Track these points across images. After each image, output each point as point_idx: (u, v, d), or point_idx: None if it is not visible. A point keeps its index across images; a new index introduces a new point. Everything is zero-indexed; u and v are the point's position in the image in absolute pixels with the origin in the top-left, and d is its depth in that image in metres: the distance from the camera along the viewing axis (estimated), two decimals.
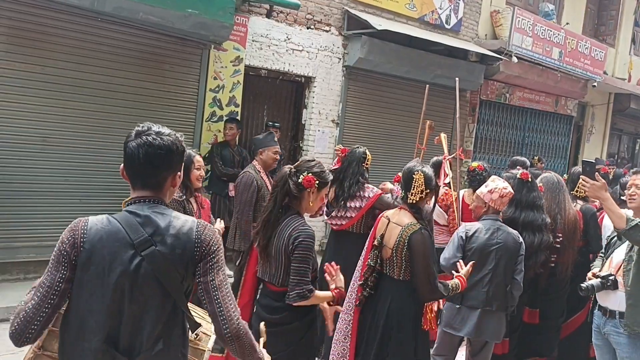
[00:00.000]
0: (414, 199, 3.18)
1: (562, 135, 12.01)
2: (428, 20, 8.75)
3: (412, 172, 3.21)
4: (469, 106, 9.86)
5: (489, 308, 3.64)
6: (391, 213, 3.34)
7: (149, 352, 1.76)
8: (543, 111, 11.32)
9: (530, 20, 9.43)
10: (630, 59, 13.24)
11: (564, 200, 4.31)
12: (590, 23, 12.50)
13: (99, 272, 1.74)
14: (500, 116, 10.49)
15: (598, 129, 13.38)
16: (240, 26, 6.67)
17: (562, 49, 10.16)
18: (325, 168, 2.96)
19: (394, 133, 8.62)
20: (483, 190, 3.79)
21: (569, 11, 11.54)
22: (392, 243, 3.18)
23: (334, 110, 7.90)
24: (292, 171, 2.84)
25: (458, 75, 8.74)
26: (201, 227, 1.86)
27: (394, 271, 3.22)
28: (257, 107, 7.51)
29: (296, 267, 2.70)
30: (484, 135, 10.23)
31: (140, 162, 1.81)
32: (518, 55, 9.30)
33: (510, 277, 3.70)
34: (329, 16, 7.62)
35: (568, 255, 4.26)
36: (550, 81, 10.64)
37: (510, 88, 10.36)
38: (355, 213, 4.23)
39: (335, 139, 7.96)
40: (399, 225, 3.19)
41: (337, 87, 7.88)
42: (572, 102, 11.93)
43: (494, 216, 3.75)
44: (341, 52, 7.83)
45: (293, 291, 2.69)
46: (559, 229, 4.22)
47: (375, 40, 7.72)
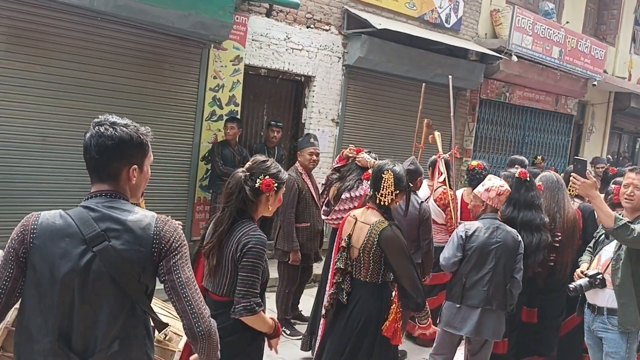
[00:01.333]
0: (384, 200, 3.06)
1: (562, 134, 12.02)
2: (428, 20, 8.75)
3: (381, 171, 3.10)
4: (469, 105, 9.87)
5: (489, 307, 3.66)
6: (359, 212, 3.23)
7: (104, 353, 1.69)
8: (543, 110, 11.32)
9: (530, 19, 9.43)
10: (631, 58, 13.25)
11: (563, 199, 4.32)
12: (590, 22, 12.50)
13: (48, 269, 1.67)
14: (500, 115, 10.50)
15: (598, 128, 13.38)
16: (240, 25, 6.67)
17: (562, 47, 10.16)
18: (280, 166, 2.70)
19: (394, 132, 8.63)
20: (480, 189, 3.80)
21: (569, 10, 11.54)
22: (360, 243, 3.08)
23: (334, 109, 7.91)
24: (246, 176, 2.56)
25: (458, 75, 8.80)
26: (161, 223, 1.77)
27: (360, 272, 3.11)
28: (257, 107, 7.52)
29: (244, 276, 2.41)
30: (484, 134, 10.24)
31: (92, 153, 1.76)
32: (518, 54, 9.30)
33: (510, 275, 3.71)
34: (328, 15, 7.63)
35: (567, 254, 4.28)
36: (551, 80, 10.64)
37: (510, 87, 10.37)
38: (354, 206, 4.25)
39: (335, 138, 7.97)
40: (366, 224, 3.08)
41: (337, 86, 7.89)
42: (572, 101, 11.94)
43: (492, 215, 3.76)
44: (341, 51, 7.83)
45: (239, 304, 2.39)
46: (558, 228, 4.24)
47: (375, 40, 7.72)
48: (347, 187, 4.32)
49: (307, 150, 5.13)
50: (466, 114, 9.85)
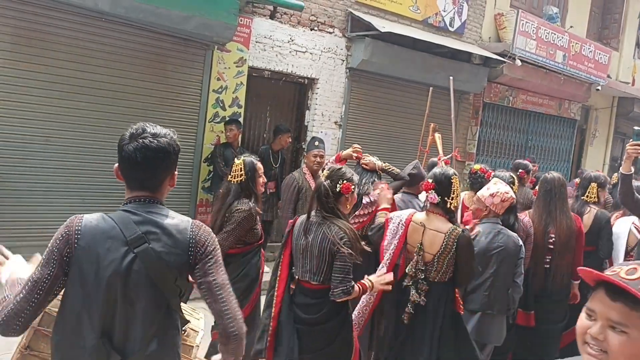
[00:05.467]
0: (454, 204, 3.25)
1: (565, 138, 12.01)
2: (432, 23, 8.76)
3: (449, 178, 3.24)
4: (472, 109, 9.87)
5: (490, 311, 3.65)
6: (423, 218, 3.31)
7: (143, 352, 1.76)
8: (546, 114, 11.32)
9: (534, 23, 9.43)
10: (634, 63, 13.24)
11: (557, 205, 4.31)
12: (594, 26, 12.49)
13: (93, 269, 1.73)
14: (503, 119, 10.50)
15: (601, 132, 13.37)
16: (243, 27, 6.69)
17: (566, 52, 10.16)
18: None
19: (397, 135, 8.63)
20: (485, 194, 3.78)
21: (573, 14, 11.54)
22: (435, 249, 3.20)
23: (337, 112, 7.92)
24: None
25: (461, 78, 8.81)
26: (196, 227, 1.86)
27: (430, 275, 3.25)
28: (260, 108, 7.53)
29: (340, 265, 2.90)
30: (487, 138, 10.24)
31: (138, 165, 1.81)
32: (522, 58, 9.30)
33: (511, 280, 3.70)
34: (332, 18, 7.65)
35: (563, 258, 4.28)
36: (554, 84, 10.64)
37: (514, 91, 10.36)
38: (372, 210, 4.29)
39: (338, 140, 7.98)
40: (439, 232, 3.21)
41: (340, 88, 7.90)
42: (576, 105, 11.93)
43: (494, 219, 3.76)
44: (344, 53, 7.85)
45: (337, 288, 2.90)
46: (551, 230, 4.24)
47: (378, 42, 7.73)
48: (365, 192, 4.34)
49: (312, 152, 5.33)
50: (469, 117, 9.85)
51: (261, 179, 3.82)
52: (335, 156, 4.74)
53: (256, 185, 3.77)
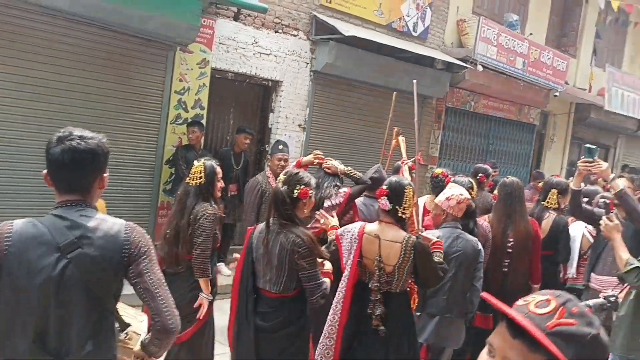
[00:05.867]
0: (406, 213, 3.22)
1: (524, 143, 12.29)
2: (396, 28, 8.84)
3: (403, 187, 3.22)
4: (435, 113, 10.00)
5: (449, 315, 3.70)
6: (376, 229, 3.26)
7: (78, 354, 1.78)
8: (507, 119, 11.56)
9: (495, 30, 9.62)
10: (591, 70, 13.63)
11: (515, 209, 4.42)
12: (553, 34, 12.82)
13: (24, 275, 1.74)
14: (465, 123, 10.68)
15: (559, 137, 13.72)
16: (206, 28, 6.62)
17: (526, 58, 10.39)
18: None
19: (361, 139, 8.68)
20: (441, 198, 3.86)
21: (533, 22, 11.82)
22: (394, 260, 3.17)
23: (301, 114, 7.92)
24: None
25: (424, 82, 8.92)
26: (130, 229, 1.88)
27: (391, 286, 3.22)
28: (223, 110, 7.47)
29: (307, 274, 2.91)
30: (450, 141, 10.39)
31: (66, 167, 1.82)
32: (483, 64, 9.46)
33: (470, 284, 3.76)
34: (297, 21, 7.64)
35: (520, 262, 4.38)
36: (514, 90, 10.88)
37: (476, 96, 10.55)
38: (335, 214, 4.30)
39: (301, 143, 7.98)
40: (395, 242, 3.17)
41: (304, 91, 7.90)
42: (535, 110, 12.22)
43: (453, 223, 3.81)
44: (309, 56, 7.85)
45: (314, 296, 2.92)
46: (510, 233, 4.34)
47: (343, 46, 7.76)
48: (327, 195, 4.37)
49: (276, 156, 5.31)
50: (432, 121, 9.98)
51: (219, 183, 3.80)
52: (296, 162, 4.74)
53: (214, 189, 3.75)
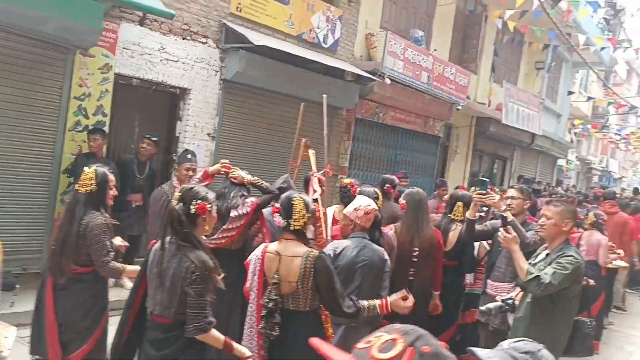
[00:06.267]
0: (298, 225, 3.17)
1: (430, 154, 12.80)
2: (306, 39, 8.94)
3: (290, 199, 3.20)
4: (345, 124, 10.19)
5: (355, 324, 3.75)
6: (277, 247, 3.22)
7: None
8: (413, 131, 11.99)
9: (402, 45, 9.97)
10: (490, 86, 14.47)
11: (422, 219, 4.61)
12: (455, 51, 13.48)
13: None
14: (374, 134, 10.96)
15: (462, 149, 14.42)
16: (109, 32, 6.36)
17: (430, 73, 10.85)
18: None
19: (271, 149, 8.67)
20: (349, 209, 3.91)
21: (437, 38, 12.38)
22: (295, 276, 3.10)
23: (210, 123, 7.78)
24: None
25: (334, 94, 9.06)
26: None
27: (298, 304, 3.15)
28: (128, 118, 7.19)
29: (194, 301, 2.73)
30: (359, 152, 10.62)
31: None
32: (390, 77, 9.75)
33: (376, 293, 3.83)
34: (206, 28, 7.52)
35: (425, 270, 4.55)
36: (420, 103, 11.31)
37: (384, 108, 10.86)
38: (241, 224, 4.26)
39: (210, 152, 7.84)
40: (296, 256, 3.12)
41: (214, 100, 7.78)
42: (439, 123, 12.77)
43: (361, 234, 3.87)
44: (218, 65, 7.75)
45: (191, 324, 2.73)
46: (415, 244, 4.50)
47: (253, 55, 7.73)
48: (234, 205, 4.31)
49: (183, 165, 5.20)
50: (342, 132, 10.16)
51: (112, 191, 3.65)
52: (203, 172, 4.66)
53: (106, 197, 3.60)
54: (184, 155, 5.43)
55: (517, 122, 14.34)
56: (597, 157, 35.63)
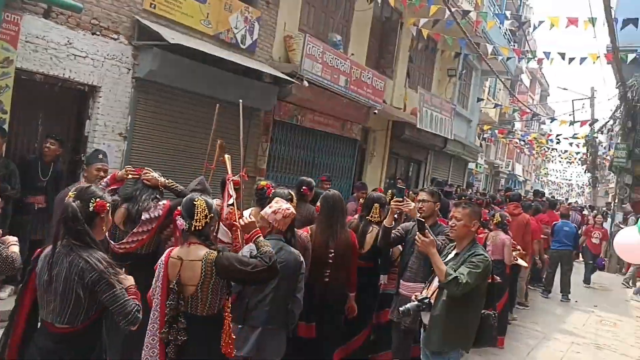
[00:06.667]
0: (199, 225, 3.13)
1: (347, 156, 13.00)
2: (223, 39, 8.81)
3: (192, 201, 3.17)
4: (263, 125, 10.14)
5: (271, 327, 3.73)
6: (180, 252, 3.17)
7: None
8: (331, 134, 12.13)
9: (320, 48, 10.06)
10: (406, 91, 14.89)
11: (337, 221, 4.66)
12: (372, 56, 13.77)
13: None
14: (292, 136, 10.98)
15: (379, 152, 14.76)
16: (11, 24, 5.96)
17: (348, 77, 11.02)
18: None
19: (186, 150, 8.47)
20: (267, 211, 3.91)
21: (354, 43, 12.60)
22: (196, 280, 3.06)
23: (122, 122, 7.49)
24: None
25: (252, 95, 9.01)
26: None
27: (197, 308, 3.10)
28: (30, 115, 6.77)
29: (109, 296, 2.63)
30: (277, 154, 10.60)
31: None
32: (309, 79, 9.81)
33: (292, 295, 3.84)
34: (117, 24, 7.23)
35: (341, 272, 4.61)
36: (338, 106, 11.46)
37: (302, 110, 10.91)
38: (152, 227, 4.15)
39: (122, 153, 7.54)
40: (196, 260, 3.07)
41: (126, 98, 7.49)
42: (357, 126, 13.00)
43: (277, 236, 3.87)
44: (131, 62, 7.47)
45: (121, 317, 2.64)
46: (331, 245, 4.55)
47: (168, 54, 7.51)
48: (146, 208, 4.19)
49: (94, 165, 4.99)
50: (260, 134, 10.10)
51: None
52: (111, 176, 4.49)
53: None
54: (95, 155, 5.21)
55: (431, 126, 14.85)
56: (504, 161, 37.71)
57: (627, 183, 18.11)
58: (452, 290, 3.66)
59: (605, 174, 32.58)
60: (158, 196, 4.35)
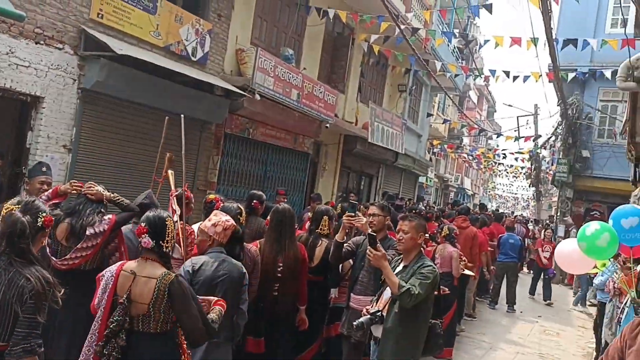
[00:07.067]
0: (169, 247, 3.10)
1: (300, 170, 13.02)
2: (174, 50, 8.72)
3: (164, 220, 3.11)
4: (214, 138, 10.05)
5: (216, 339, 3.68)
6: (134, 266, 3.09)
7: None
8: (283, 147, 12.13)
9: (272, 62, 10.09)
10: (357, 105, 15.08)
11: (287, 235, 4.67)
12: (324, 70, 13.90)
13: None
14: (244, 150, 10.92)
15: (330, 166, 14.85)
16: None
17: (300, 91, 11.08)
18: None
19: (134, 163, 8.30)
20: (207, 224, 3.88)
21: (307, 57, 12.70)
22: (148, 298, 2.98)
23: (66, 134, 7.28)
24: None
25: (203, 108, 8.95)
26: None
27: (149, 326, 3.02)
28: None
29: (27, 319, 2.54)
30: (229, 167, 10.52)
31: None
32: (261, 93, 9.80)
33: (236, 307, 3.81)
34: (62, 33, 7.05)
35: (290, 286, 4.61)
36: (290, 120, 11.49)
37: (254, 123, 10.88)
38: (97, 243, 4.02)
39: (67, 166, 7.32)
40: (151, 277, 3.00)
41: (71, 109, 7.29)
42: (309, 140, 13.06)
43: (218, 248, 3.85)
44: (76, 73, 7.29)
45: (18, 345, 2.51)
46: (280, 259, 4.55)
47: (115, 65, 7.37)
48: (90, 223, 4.06)
49: (37, 179, 4.85)
50: (211, 147, 10.01)
51: None
52: (53, 189, 4.36)
53: None
54: (38, 167, 5.04)
55: (382, 140, 15.09)
56: (453, 175, 38.64)
57: (569, 197, 18.86)
58: (404, 302, 3.72)
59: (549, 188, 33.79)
60: (103, 210, 4.24)
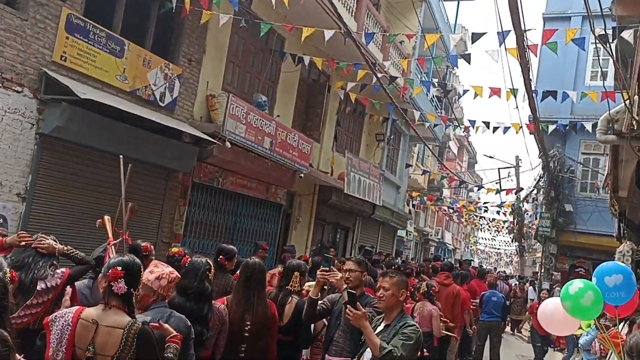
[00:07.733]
0: (139, 295, 3.13)
1: (272, 222, 12.95)
2: (141, 95, 8.75)
3: (139, 267, 3.10)
4: (181, 188, 9.98)
5: None
6: (95, 314, 2.96)
7: None
8: (255, 198, 12.09)
9: (244, 108, 10.15)
10: (333, 155, 15.20)
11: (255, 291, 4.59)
12: (299, 118, 14.08)
13: None
14: (212, 200, 10.85)
15: (304, 218, 14.81)
16: None
17: (273, 139, 11.14)
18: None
19: (94, 213, 8.08)
20: (150, 278, 3.71)
21: (280, 105, 12.85)
22: (113, 350, 2.87)
23: (21, 182, 7.15)
24: None
25: (170, 155, 8.91)
26: None
27: None
28: None
29: None
30: (196, 219, 10.41)
31: None
32: (232, 140, 9.82)
33: None
34: (22, 75, 7.03)
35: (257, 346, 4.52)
36: (262, 169, 11.49)
37: (224, 172, 10.86)
38: (49, 298, 3.93)
39: (20, 215, 7.16)
40: (116, 327, 2.90)
41: (27, 156, 7.20)
42: (282, 190, 13.06)
43: (163, 303, 3.74)
44: (35, 117, 7.23)
45: None
46: (247, 317, 4.46)
47: (77, 109, 7.35)
48: (42, 276, 3.96)
49: None
50: (177, 197, 9.92)
51: None
52: None
53: None
54: None
55: (359, 192, 15.16)
56: (434, 228, 38.84)
57: (552, 252, 19.06)
58: None
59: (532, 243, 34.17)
60: (55, 263, 4.13)
